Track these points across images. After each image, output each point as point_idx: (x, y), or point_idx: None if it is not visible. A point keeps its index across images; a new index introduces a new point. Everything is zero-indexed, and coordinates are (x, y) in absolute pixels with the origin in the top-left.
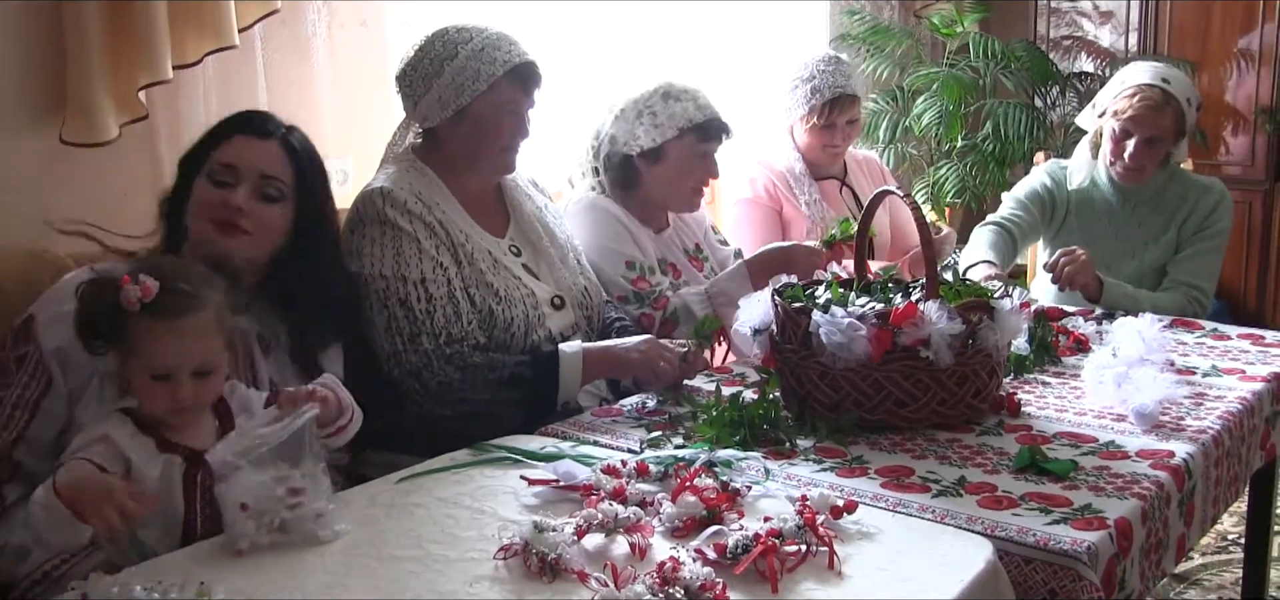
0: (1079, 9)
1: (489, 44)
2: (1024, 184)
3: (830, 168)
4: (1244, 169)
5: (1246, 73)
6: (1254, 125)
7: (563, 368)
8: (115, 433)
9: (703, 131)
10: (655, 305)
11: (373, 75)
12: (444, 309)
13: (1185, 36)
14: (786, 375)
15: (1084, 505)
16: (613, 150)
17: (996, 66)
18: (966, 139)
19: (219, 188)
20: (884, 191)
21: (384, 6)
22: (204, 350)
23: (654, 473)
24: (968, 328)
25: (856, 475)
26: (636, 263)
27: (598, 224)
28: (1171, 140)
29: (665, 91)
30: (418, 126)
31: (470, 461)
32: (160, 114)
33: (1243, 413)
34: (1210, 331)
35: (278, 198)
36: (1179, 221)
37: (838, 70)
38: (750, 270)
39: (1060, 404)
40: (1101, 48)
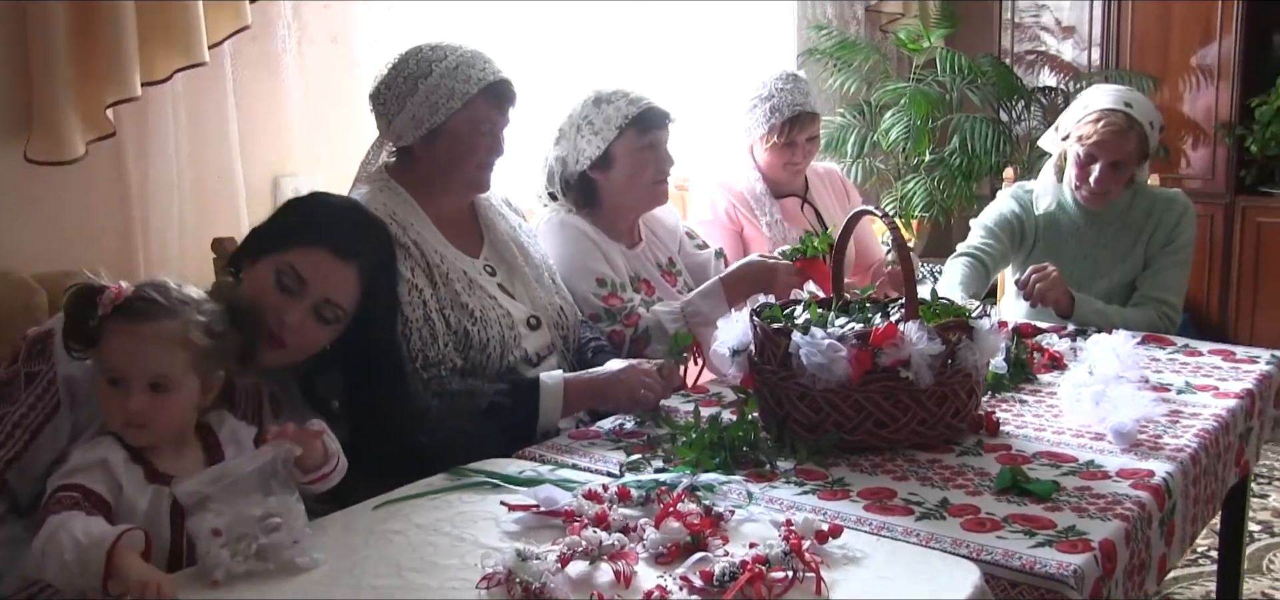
0: (1041, 24)
1: (463, 62)
2: (991, 210)
3: (791, 185)
4: (1205, 183)
5: (1206, 86)
6: (1214, 139)
7: (543, 399)
8: (111, 457)
9: (641, 123)
10: (626, 322)
11: (343, 91)
12: (420, 332)
13: (1146, 50)
14: (765, 396)
15: (1068, 527)
16: (566, 172)
17: (963, 81)
18: (934, 153)
19: (281, 291)
20: (862, 211)
21: (354, 22)
22: (160, 360)
23: (635, 497)
24: (947, 348)
25: (839, 498)
26: (607, 280)
27: (568, 242)
28: (1136, 163)
29: (595, 98)
30: (391, 145)
31: (448, 487)
32: (128, 131)
33: (1218, 430)
34: (1182, 347)
35: (331, 322)
36: (1146, 237)
37: (796, 88)
38: (725, 287)
39: (1038, 423)
40: (1064, 62)
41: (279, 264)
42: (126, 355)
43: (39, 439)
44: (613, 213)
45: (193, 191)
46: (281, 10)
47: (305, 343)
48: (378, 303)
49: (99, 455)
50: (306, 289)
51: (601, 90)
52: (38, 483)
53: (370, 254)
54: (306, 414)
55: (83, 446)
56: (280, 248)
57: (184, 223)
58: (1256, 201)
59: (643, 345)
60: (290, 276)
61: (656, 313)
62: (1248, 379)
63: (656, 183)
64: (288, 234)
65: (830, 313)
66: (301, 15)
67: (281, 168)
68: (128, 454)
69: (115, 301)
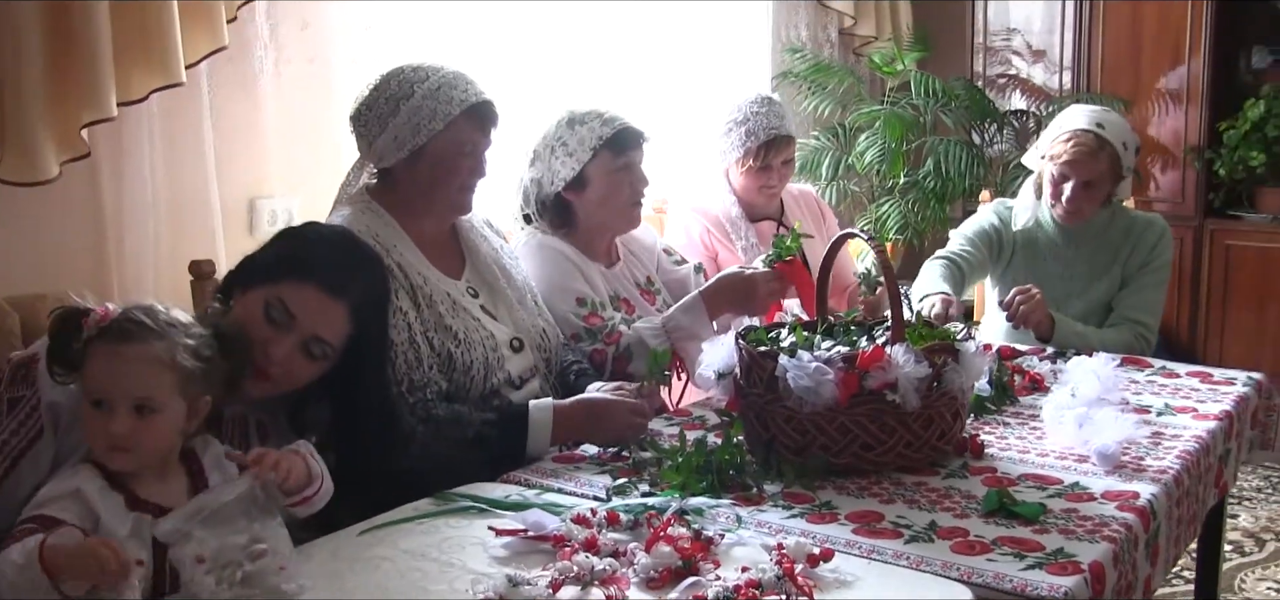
0: (1012, 47)
1: (445, 83)
2: (972, 222)
3: (767, 209)
4: (1174, 205)
5: (1174, 109)
6: (1183, 162)
7: (532, 430)
8: (86, 487)
9: (615, 143)
10: (607, 340)
11: (320, 113)
12: (405, 355)
13: (1116, 74)
14: (751, 419)
15: (1056, 549)
16: (541, 194)
17: (936, 104)
18: (908, 175)
19: (270, 324)
20: (848, 233)
21: (332, 43)
22: (145, 382)
23: (624, 521)
24: (933, 370)
25: (827, 521)
26: (587, 299)
27: (546, 263)
28: (1110, 182)
29: (569, 119)
30: (372, 167)
31: (433, 512)
32: (103, 152)
33: (1199, 452)
34: (1160, 369)
35: (319, 358)
36: (1123, 257)
37: (771, 111)
38: (705, 300)
39: (1022, 445)
40: (1035, 86)
41: (269, 296)
42: (110, 376)
43: (20, 466)
44: (588, 233)
45: (168, 213)
46: (258, 31)
47: (291, 377)
48: (368, 339)
49: (73, 485)
50: (295, 324)
51: (575, 111)
52: (17, 511)
53: (362, 291)
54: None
55: (58, 476)
56: (271, 280)
57: (159, 244)
58: (1225, 224)
59: (624, 363)
60: (279, 310)
61: (638, 329)
62: (1226, 401)
63: (632, 204)
64: (280, 266)
65: (815, 335)
66: (278, 36)
67: (258, 189)
68: (107, 481)
69: (101, 323)
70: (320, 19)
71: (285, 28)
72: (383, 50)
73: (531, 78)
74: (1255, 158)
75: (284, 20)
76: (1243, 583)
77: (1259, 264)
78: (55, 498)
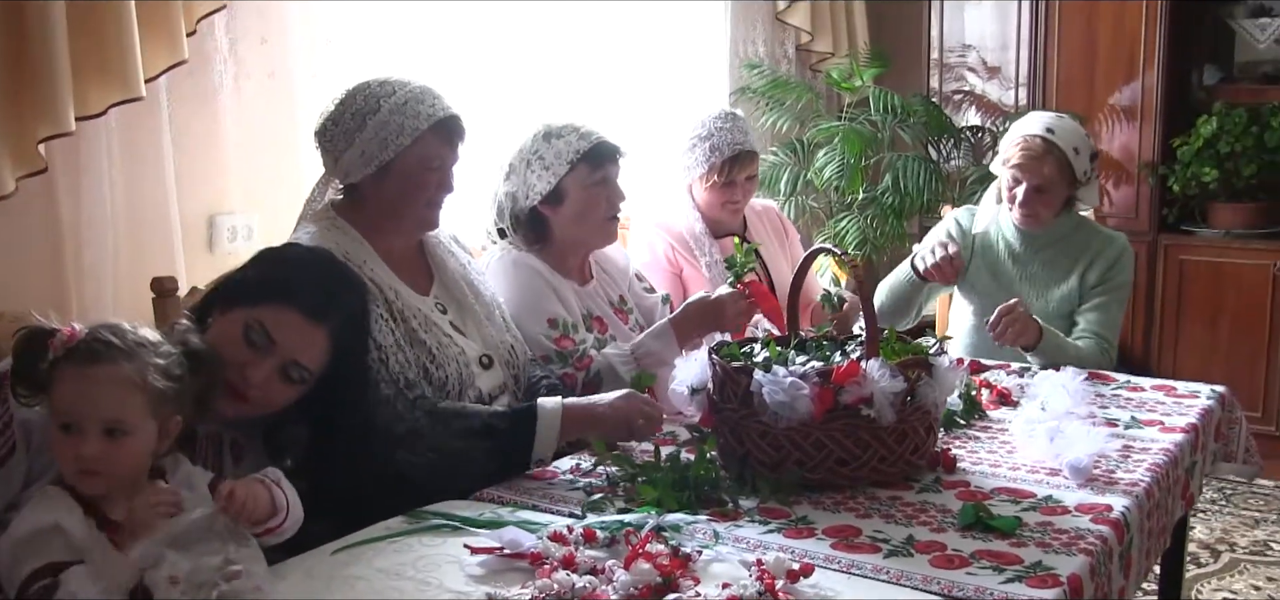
0: (967, 64)
1: (413, 97)
2: (930, 235)
3: (730, 225)
4: (1128, 220)
5: (1128, 125)
6: (1137, 177)
7: (541, 424)
8: (64, 521)
9: (592, 157)
10: (578, 365)
11: (281, 128)
12: (396, 356)
13: (1072, 89)
14: (725, 435)
15: (1035, 562)
16: (515, 208)
17: (894, 120)
18: (867, 191)
19: (249, 347)
20: (819, 249)
21: (292, 58)
22: (115, 404)
23: (601, 538)
24: (908, 385)
25: (804, 536)
26: (559, 320)
27: (519, 282)
28: (1064, 187)
29: (545, 133)
30: (337, 183)
31: (407, 530)
32: (60, 167)
33: (1168, 464)
34: (1124, 383)
35: (298, 382)
36: (1082, 269)
37: (735, 126)
38: (675, 327)
39: (993, 459)
40: (991, 102)
41: (249, 319)
42: (79, 399)
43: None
44: (563, 249)
45: (127, 229)
46: (218, 45)
47: (269, 400)
48: (348, 363)
49: (51, 520)
50: (275, 348)
51: (551, 124)
52: None
53: (343, 316)
54: (268, 463)
55: (31, 506)
56: (251, 302)
57: (118, 261)
58: (1179, 239)
59: (593, 389)
60: (260, 334)
61: (608, 357)
62: (1191, 414)
63: (608, 218)
64: (261, 289)
65: (789, 351)
66: (238, 51)
67: (218, 206)
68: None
69: (67, 344)
70: (280, 33)
71: (245, 42)
72: (344, 64)
73: (492, 92)
74: (1208, 173)
75: (243, 35)
76: (1198, 593)
77: (1212, 279)
78: (41, 542)
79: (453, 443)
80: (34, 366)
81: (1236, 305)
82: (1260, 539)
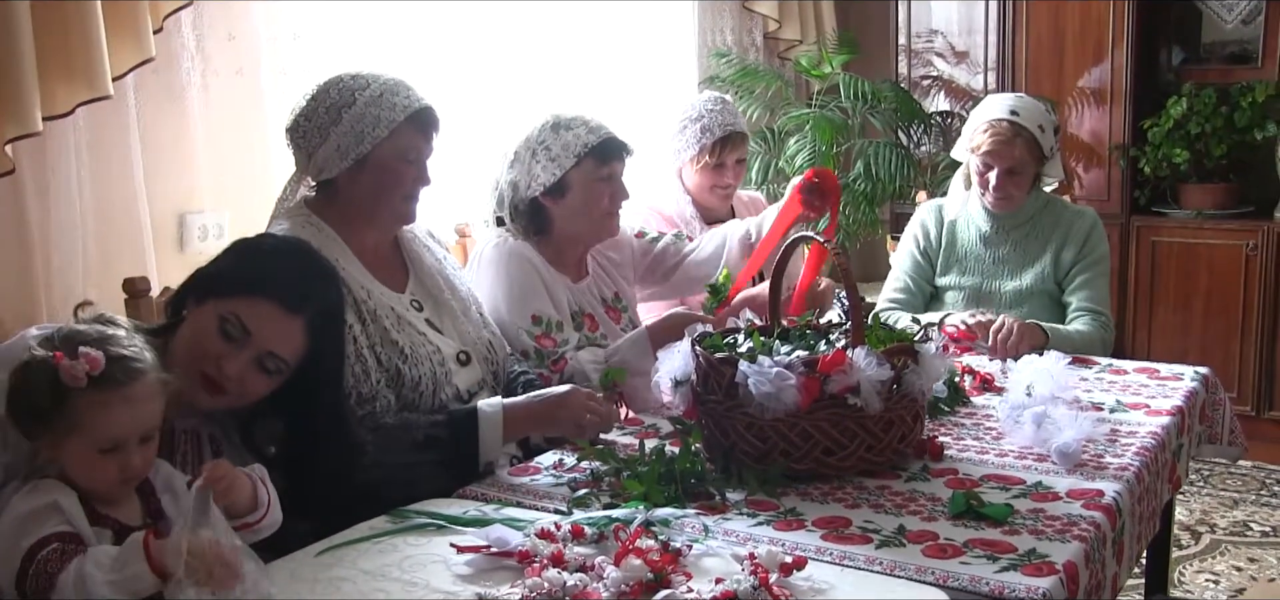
0: (935, 49)
1: (387, 90)
2: (901, 248)
3: (720, 210)
4: (1099, 203)
5: (1098, 108)
6: (1109, 160)
7: (483, 427)
8: (62, 500)
9: (600, 153)
10: (554, 367)
11: (249, 125)
12: (352, 368)
13: (1040, 73)
14: (710, 427)
15: (1028, 550)
16: (516, 197)
17: (865, 107)
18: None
19: (224, 339)
20: (802, 237)
21: (261, 55)
22: (153, 413)
23: (589, 535)
24: (894, 374)
25: (794, 528)
26: (544, 318)
27: (510, 272)
28: (1033, 165)
29: (554, 124)
30: (310, 179)
31: (391, 530)
32: (27, 168)
33: (1156, 447)
34: (1106, 367)
35: (274, 373)
36: (1055, 247)
37: (726, 109)
38: (651, 336)
39: (980, 446)
40: (959, 87)
41: (224, 311)
42: (126, 422)
43: None
44: (561, 242)
45: (96, 230)
46: (185, 42)
47: (245, 391)
48: (324, 354)
49: (50, 499)
50: (250, 340)
51: (561, 116)
52: None
53: (318, 307)
54: (247, 458)
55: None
56: (226, 294)
57: (88, 262)
58: (1151, 221)
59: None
60: (235, 326)
61: (581, 360)
62: (1176, 396)
63: (609, 214)
64: (235, 281)
65: (773, 340)
66: (205, 48)
67: (187, 204)
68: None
69: (91, 373)
70: (247, 29)
71: (212, 39)
72: (312, 60)
73: (461, 85)
74: (1179, 155)
75: (210, 31)
76: (1181, 576)
77: (1184, 260)
78: (42, 514)
79: (396, 458)
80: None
81: (1209, 286)
82: (1240, 519)
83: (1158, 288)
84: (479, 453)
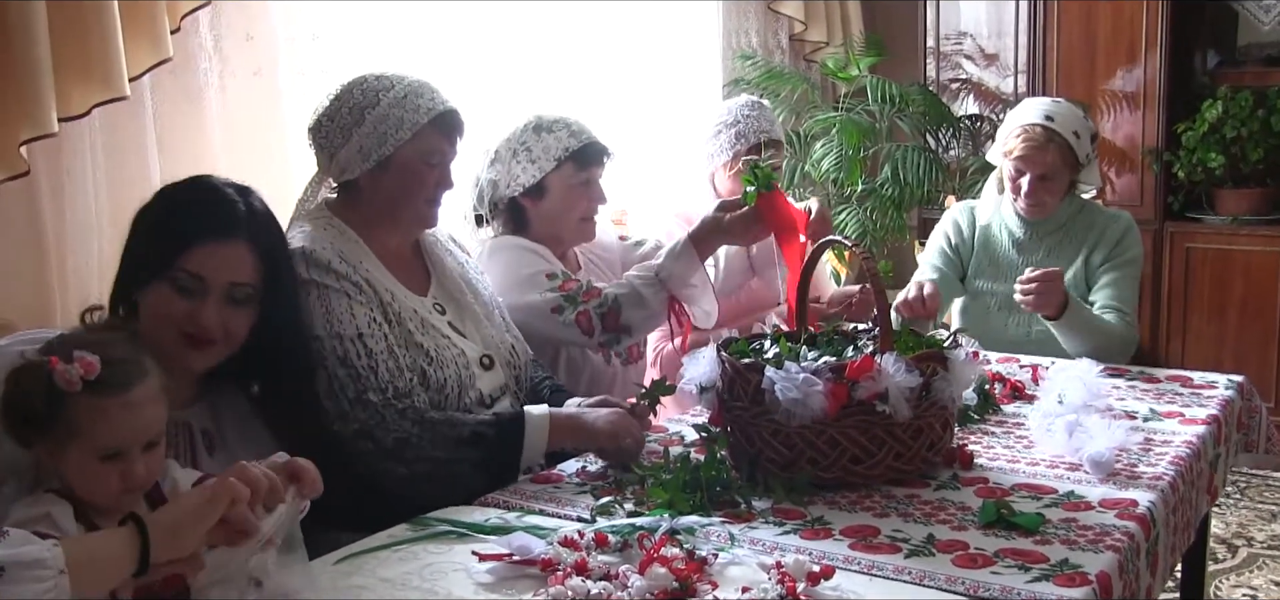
0: (964, 52)
1: (412, 91)
2: (930, 246)
3: None
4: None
5: (1131, 111)
6: (1141, 164)
7: (529, 432)
8: (55, 511)
9: (581, 157)
10: (586, 297)
11: (267, 126)
12: (386, 363)
13: (1072, 76)
14: (736, 434)
15: (1061, 560)
16: (495, 195)
17: (892, 110)
18: (866, 183)
19: (185, 296)
20: (831, 241)
21: (278, 55)
22: (155, 419)
23: (613, 543)
24: (923, 380)
25: (821, 537)
26: (557, 272)
27: (509, 261)
28: (1068, 172)
29: (536, 125)
30: (331, 181)
31: (411, 537)
32: (42, 169)
33: (1192, 457)
34: (1139, 374)
35: (246, 301)
36: (1087, 250)
37: (762, 115)
38: (694, 242)
39: (1010, 455)
40: (989, 90)
41: (172, 277)
42: (127, 427)
43: None
44: (539, 241)
45: (112, 233)
46: (203, 43)
47: (231, 333)
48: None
49: (42, 511)
50: (207, 284)
51: (543, 117)
52: None
53: (245, 218)
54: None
55: (21, 504)
56: (164, 263)
57: (104, 265)
58: (1185, 227)
59: (615, 317)
60: (188, 280)
61: (630, 279)
62: (1211, 404)
63: (585, 219)
64: (165, 247)
65: (800, 346)
66: (223, 48)
67: None
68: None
69: (86, 378)
70: (265, 30)
71: (230, 40)
72: (331, 61)
73: (483, 86)
74: (1214, 160)
75: (228, 32)
76: (1217, 590)
77: (1219, 267)
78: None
79: (441, 453)
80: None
81: (1245, 293)
82: (1278, 533)
83: (1192, 295)
84: (521, 457)
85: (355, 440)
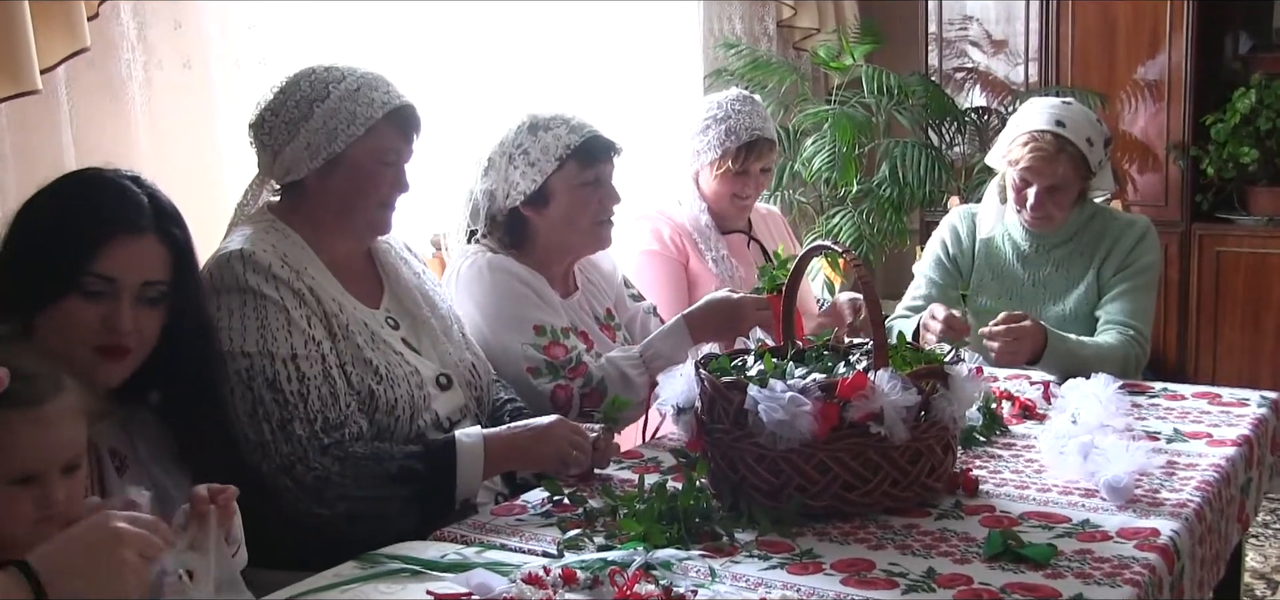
0: (969, 37)
1: (365, 84)
2: (926, 255)
3: (737, 221)
4: (1156, 209)
5: (1154, 103)
6: (1166, 160)
7: (461, 460)
8: None
9: (584, 154)
10: (571, 374)
11: (199, 122)
12: (319, 390)
13: (1088, 64)
14: (717, 459)
15: (1074, 596)
16: (493, 207)
17: (890, 103)
18: (861, 183)
19: (95, 302)
20: (819, 245)
21: (210, 45)
22: (73, 439)
23: (582, 580)
24: (922, 398)
25: (811, 572)
26: (547, 327)
27: (496, 289)
28: (1078, 182)
29: (531, 125)
30: (275, 182)
31: (360, 576)
32: None
33: (1220, 482)
34: (1162, 392)
35: (159, 300)
36: (1098, 261)
37: (754, 111)
38: (689, 325)
39: (1019, 480)
40: (997, 80)
41: (79, 282)
42: (40, 446)
43: None
44: (546, 255)
45: None
46: (125, 31)
47: (145, 335)
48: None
49: None
50: (119, 286)
51: (538, 115)
52: None
53: (155, 212)
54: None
55: None
56: (71, 270)
57: None
58: (1215, 228)
59: (597, 399)
60: (99, 284)
61: (615, 361)
62: (1242, 424)
63: (599, 223)
64: (68, 255)
65: (785, 362)
66: (148, 37)
67: None
68: None
69: None
70: (195, 17)
71: (156, 28)
72: (268, 52)
73: (437, 80)
74: (1246, 154)
75: (154, 19)
76: None
77: (1253, 271)
78: None
79: (367, 491)
80: None
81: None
82: None
83: (1223, 303)
84: (456, 488)
85: (275, 476)
